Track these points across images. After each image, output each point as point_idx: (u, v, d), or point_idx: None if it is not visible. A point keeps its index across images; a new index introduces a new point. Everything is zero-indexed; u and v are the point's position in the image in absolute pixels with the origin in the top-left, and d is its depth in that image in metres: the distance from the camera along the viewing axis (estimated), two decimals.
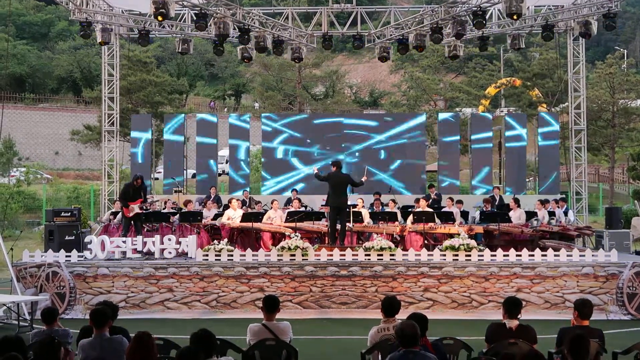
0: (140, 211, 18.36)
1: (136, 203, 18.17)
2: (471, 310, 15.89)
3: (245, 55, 24.33)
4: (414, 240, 18.22)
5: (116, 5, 23.34)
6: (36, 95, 61.08)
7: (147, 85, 39.92)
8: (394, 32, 23.56)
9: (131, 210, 18.15)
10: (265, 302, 8.56)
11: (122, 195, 19.09)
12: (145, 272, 16.25)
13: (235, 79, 69.52)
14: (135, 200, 18.19)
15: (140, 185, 18.42)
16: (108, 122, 25.33)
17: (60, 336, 8.19)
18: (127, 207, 18.17)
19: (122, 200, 18.84)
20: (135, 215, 18.27)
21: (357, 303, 16.05)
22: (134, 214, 18.22)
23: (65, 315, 15.61)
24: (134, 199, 18.20)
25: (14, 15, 60.58)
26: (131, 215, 18.19)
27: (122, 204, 18.57)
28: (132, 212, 18.18)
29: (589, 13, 21.66)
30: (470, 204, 21.55)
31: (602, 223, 25.57)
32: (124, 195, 18.63)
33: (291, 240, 16.74)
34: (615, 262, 16.08)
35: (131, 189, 18.36)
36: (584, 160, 24.69)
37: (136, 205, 18.16)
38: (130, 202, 18.20)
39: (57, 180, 44.61)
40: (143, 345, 6.58)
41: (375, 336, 8.04)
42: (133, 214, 18.19)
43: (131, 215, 18.19)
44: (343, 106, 50.33)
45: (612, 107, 36.76)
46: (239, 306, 16.07)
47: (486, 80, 49.27)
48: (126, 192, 18.62)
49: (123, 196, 18.76)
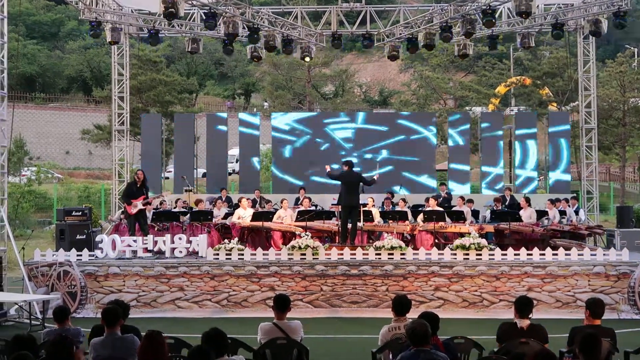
0: (143, 207, 18.04)
1: (138, 200, 17.98)
2: (482, 310, 15.86)
3: (255, 55, 24.35)
4: (424, 239, 18.19)
5: (126, 5, 23.39)
6: (46, 94, 61.24)
7: (157, 84, 40.01)
8: (404, 31, 23.52)
9: (134, 207, 18.00)
10: (276, 301, 8.57)
11: (123, 193, 18.93)
12: (156, 271, 16.28)
13: (244, 78, 69.49)
14: (137, 198, 18.02)
15: (142, 182, 18.23)
16: (118, 121, 25.40)
17: (71, 335, 8.22)
18: (130, 204, 18.02)
19: (124, 198, 18.62)
20: (139, 213, 18.06)
21: (368, 302, 16.03)
22: (137, 211, 18.02)
23: (77, 314, 15.64)
24: (136, 196, 17.98)
25: (24, 15, 60.66)
26: (134, 212, 18.02)
27: (125, 202, 18.26)
28: (134, 209, 18.01)
29: (599, 11, 21.58)
30: (480, 203, 21.52)
31: (613, 222, 25.49)
32: (126, 193, 18.39)
33: (302, 239, 16.74)
34: (626, 261, 16.01)
35: (134, 187, 18.24)
36: (595, 159, 24.59)
37: (138, 202, 17.90)
38: (132, 200, 18.09)
39: (68, 179, 44.76)
40: (154, 344, 6.60)
41: (386, 335, 8.04)
42: (136, 210, 18.01)
43: (134, 212, 18.02)
44: (352, 105, 50.32)
45: (622, 105, 36.58)
46: (250, 305, 16.08)
47: (496, 79, 49.16)
48: (128, 189, 18.46)
49: (125, 194, 18.54)
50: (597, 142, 25.19)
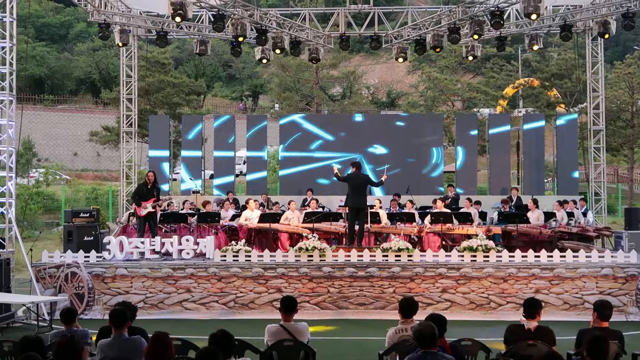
0: (153, 210, 18.11)
1: (149, 202, 18.04)
2: (489, 312, 15.85)
3: (263, 56, 24.38)
4: (431, 241, 18.16)
5: (134, 7, 23.45)
6: (55, 96, 61.40)
7: (165, 86, 40.10)
8: (412, 32, 23.49)
9: (143, 209, 18.05)
10: (283, 303, 8.56)
11: (134, 194, 18.96)
12: (163, 273, 16.32)
13: (252, 79, 69.58)
14: (148, 200, 18.10)
15: (152, 183, 18.28)
16: (126, 123, 25.46)
17: (79, 336, 8.24)
18: (139, 205, 18.07)
19: (133, 198, 18.66)
20: (149, 215, 18.11)
21: (375, 304, 16.04)
22: (147, 213, 18.11)
23: (84, 315, 15.69)
24: (147, 198, 18.08)
25: (33, 17, 60.81)
26: (144, 214, 18.07)
27: (135, 203, 18.33)
28: (144, 211, 18.07)
29: (608, 13, 21.52)
30: (488, 205, 21.48)
31: (621, 224, 25.39)
32: (136, 194, 18.46)
33: (309, 241, 16.75)
34: (634, 263, 15.98)
35: (144, 188, 18.28)
36: (603, 161, 24.52)
37: (149, 204, 18.00)
38: (142, 202, 18.14)
39: (76, 181, 44.89)
40: (160, 345, 6.60)
41: (393, 337, 8.03)
42: (146, 212, 18.07)
43: (144, 214, 18.07)
44: (360, 107, 50.29)
45: (631, 107, 36.52)
46: (257, 307, 16.11)
47: (504, 80, 49.06)
48: (139, 191, 18.51)
49: (135, 195, 18.59)
50: (605, 144, 25.11)
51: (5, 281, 15.76)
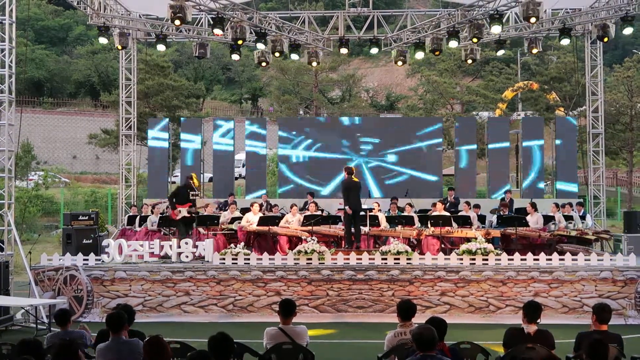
0: (187, 215, 18.13)
1: (184, 206, 18.03)
2: (488, 315, 15.83)
3: (262, 59, 24.38)
4: (430, 244, 18.17)
5: (133, 10, 23.46)
6: (54, 99, 61.45)
7: (165, 89, 40.14)
8: (411, 35, 23.49)
9: (178, 213, 18.06)
10: (282, 306, 8.56)
11: (171, 196, 18.87)
12: (162, 276, 16.29)
13: (252, 82, 69.64)
14: (184, 204, 18.08)
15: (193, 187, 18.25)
16: (125, 126, 25.45)
17: (75, 338, 8.23)
18: (174, 209, 18.08)
19: (170, 200, 18.68)
20: (182, 219, 18.12)
21: (374, 307, 16.02)
22: (181, 217, 18.09)
23: (83, 318, 15.65)
24: (183, 202, 18.11)
25: (33, 20, 60.91)
26: (178, 218, 18.10)
27: (170, 206, 18.34)
28: (179, 215, 18.07)
29: (607, 16, 21.52)
30: (487, 208, 21.47)
31: (620, 227, 25.40)
32: (174, 197, 18.45)
33: (308, 244, 16.75)
34: (633, 266, 15.97)
35: (184, 192, 18.23)
36: (602, 164, 24.52)
37: (184, 209, 18.01)
38: (178, 205, 18.13)
39: (75, 184, 44.86)
40: (154, 349, 6.59)
41: (392, 340, 8.02)
42: (180, 217, 18.08)
43: (178, 218, 18.10)
44: (359, 110, 50.31)
45: (630, 110, 36.55)
46: (256, 310, 16.08)
47: (503, 83, 49.01)
48: (177, 193, 18.49)
49: (172, 197, 18.56)
50: (605, 147, 25.14)
51: (4, 284, 15.74)
